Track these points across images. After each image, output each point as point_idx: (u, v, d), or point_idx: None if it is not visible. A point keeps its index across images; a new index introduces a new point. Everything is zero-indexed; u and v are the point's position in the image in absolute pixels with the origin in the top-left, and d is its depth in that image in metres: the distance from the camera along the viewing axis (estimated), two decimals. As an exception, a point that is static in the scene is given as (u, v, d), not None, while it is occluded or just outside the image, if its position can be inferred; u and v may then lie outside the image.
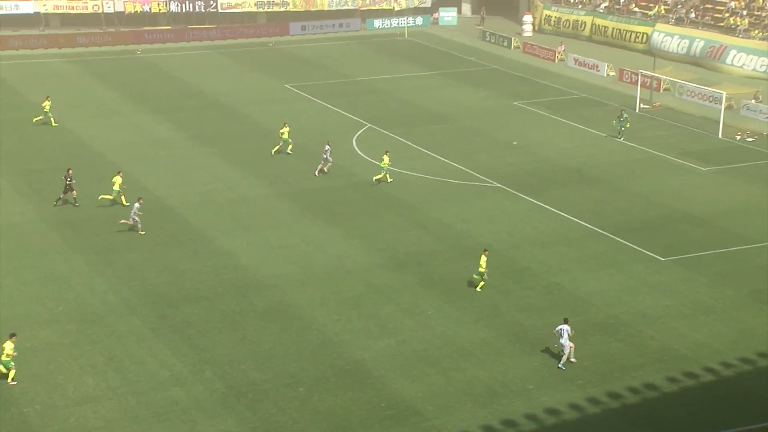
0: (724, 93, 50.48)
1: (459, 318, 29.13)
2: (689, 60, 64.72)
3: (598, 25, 72.53)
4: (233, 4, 77.06)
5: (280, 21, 78.04)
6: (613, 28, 71.17)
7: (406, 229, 36.32)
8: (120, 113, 52.56)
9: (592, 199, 39.53)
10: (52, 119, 49.61)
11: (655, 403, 24.63)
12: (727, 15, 65.99)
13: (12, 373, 25.55)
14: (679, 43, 65.97)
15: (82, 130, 49.44)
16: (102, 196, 38.29)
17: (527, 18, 76.29)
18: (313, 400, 24.92)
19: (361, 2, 79.99)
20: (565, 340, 26.11)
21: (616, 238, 35.28)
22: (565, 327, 26.21)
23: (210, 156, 45.59)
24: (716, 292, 30.90)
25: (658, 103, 54.71)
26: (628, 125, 48.36)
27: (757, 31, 63.16)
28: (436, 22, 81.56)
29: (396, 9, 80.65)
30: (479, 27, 78.38)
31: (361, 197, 39.82)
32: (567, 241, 35.01)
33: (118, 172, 38.75)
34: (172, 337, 27.89)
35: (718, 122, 49.23)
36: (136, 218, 35.34)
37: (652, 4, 71.33)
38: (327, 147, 42.76)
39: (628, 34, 70.03)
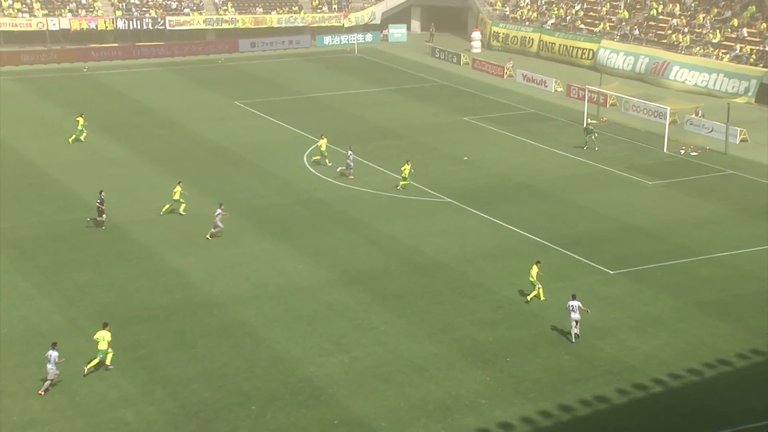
0: (669, 108, 51.45)
1: (411, 333, 29.19)
2: (634, 76, 65.89)
3: (546, 42, 73.52)
4: (181, 22, 76.65)
5: (229, 38, 77.81)
6: (560, 45, 72.21)
7: (358, 245, 36.34)
8: (66, 132, 51.86)
9: (542, 214, 39.95)
10: (83, 136, 49.80)
11: (605, 414, 24.89)
12: (669, 32, 67.37)
13: (109, 357, 26.78)
14: (625, 59, 67.17)
15: (28, 149, 48.72)
16: (165, 207, 39.12)
17: (476, 35, 77.05)
18: (265, 418, 24.74)
19: (310, 19, 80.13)
20: (576, 315, 28.07)
21: (566, 252, 35.66)
22: (576, 303, 28.23)
23: (159, 174, 45.20)
24: (663, 304, 31.39)
25: (605, 118, 55.56)
26: (596, 135, 49.67)
27: (698, 48, 64.60)
28: (385, 38, 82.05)
29: (346, 26, 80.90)
30: (428, 44, 78.98)
31: (313, 214, 39.81)
32: (517, 255, 35.31)
33: (179, 182, 39.39)
34: (122, 358, 27.51)
35: (663, 137, 50.15)
36: (219, 223, 36.12)
37: (597, 21, 72.56)
38: (350, 152, 43.87)
39: (575, 51, 71.10)
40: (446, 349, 28.17)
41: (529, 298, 31.31)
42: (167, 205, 38.98)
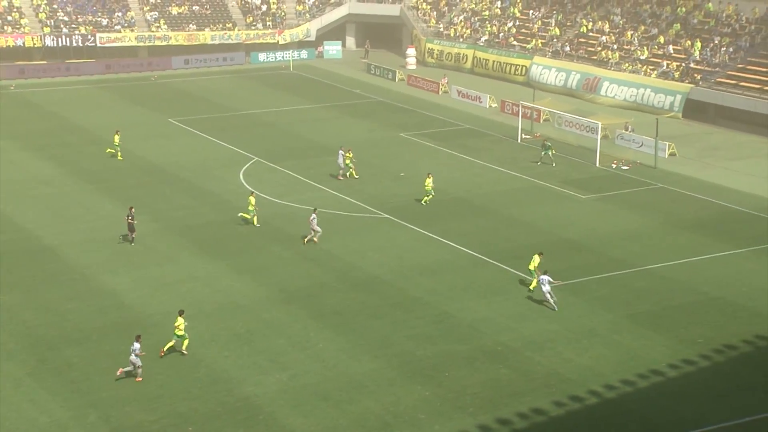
0: (600, 123, 52.40)
1: (350, 350, 29.12)
2: (566, 91, 66.98)
3: (480, 58, 74.37)
4: (113, 39, 75.63)
5: (162, 55, 77.03)
6: (494, 61, 73.12)
7: (296, 262, 36.23)
8: (-6, 150, 50.77)
9: (479, 228, 40.29)
10: (119, 153, 49.71)
11: (543, 427, 25.10)
12: (599, 49, 68.72)
13: (185, 343, 28.19)
14: (557, 75, 68.26)
15: (-46, 168, 47.59)
16: (241, 214, 40.17)
17: (410, 51, 77.53)
18: (203, 439, 24.43)
19: (244, 36, 79.83)
20: (547, 287, 31.45)
21: (502, 266, 35.98)
22: (546, 277, 31.74)
23: (91, 193, 44.46)
24: (598, 317, 31.84)
25: (538, 133, 56.29)
26: (553, 151, 50.13)
27: (626, 64, 66.03)
28: (321, 55, 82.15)
29: (281, 42, 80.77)
30: (364, 60, 79.23)
31: (249, 231, 39.55)
32: (455, 270, 35.52)
33: (252, 193, 40.39)
34: (53, 381, 26.89)
35: (595, 151, 51.04)
36: (317, 227, 37.62)
37: (529, 38, 73.71)
38: (341, 152, 46.16)
39: (508, 67, 72.06)
40: (385, 365, 28.15)
41: (531, 287, 33.24)
42: (247, 215, 39.87)
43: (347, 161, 46.84)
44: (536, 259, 33.41)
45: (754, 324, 31.22)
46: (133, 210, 38.12)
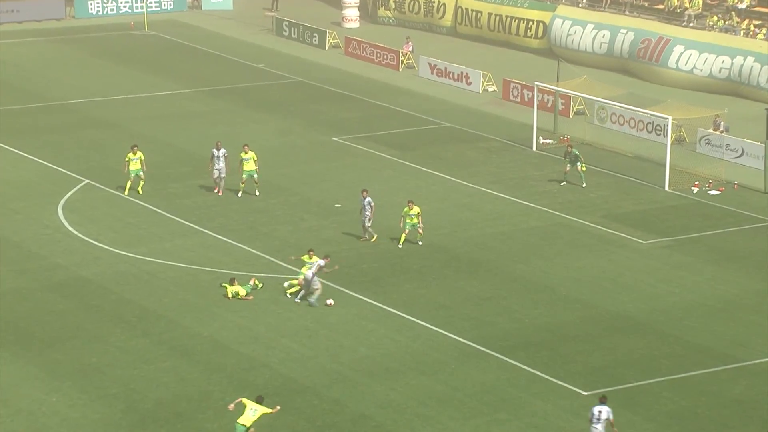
0: (670, 118, 52.53)
1: None
2: (612, 63, 67.35)
3: (467, 9, 74.57)
4: None
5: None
6: (491, 14, 73.29)
7: (153, 358, 36.11)
8: None
9: (468, 297, 40.30)
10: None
11: None
12: (668, -9, 69.39)
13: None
14: (595, 35, 68.56)
15: None
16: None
17: (350, -1, 77.95)
18: None
19: (66, -28, 79.70)
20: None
21: (510, 360, 35.91)
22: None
23: None
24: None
25: (567, 136, 56.35)
26: (584, 167, 49.85)
27: (714, 17, 66.46)
28: (197, 4, 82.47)
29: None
30: (271, 14, 79.40)
31: (74, 306, 39.46)
32: (430, 369, 35.53)
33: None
34: None
35: (664, 165, 51.07)
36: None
37: (550, -24, 74.21)
38: (222, 151, 48.33)
39: (515, 24, 72.28)
40: None
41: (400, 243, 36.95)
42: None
43: (246, 166, 47.54)
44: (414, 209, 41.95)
45: None
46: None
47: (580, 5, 71.12)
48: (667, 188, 50.60)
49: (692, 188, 50.66)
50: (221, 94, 63.62)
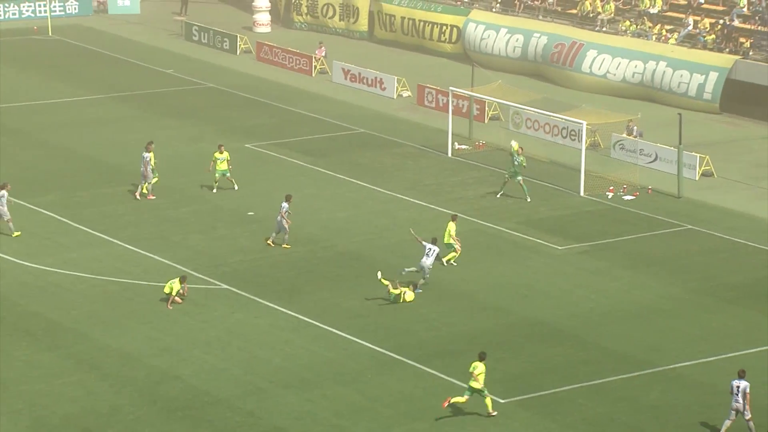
0: (584, 123, 52.71)
1: None
2: (526, 68, 67.75)
3: (382, 13, 74.56)
4: None
5: None
6: (405, 19, 73.44)
7: (64, 373, 35.81)
8: None
9: (385, 305, 40.10)
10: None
11: None
12: (582, -3, 69.62)
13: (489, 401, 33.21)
14: (509, 39, 68.82)
15: None
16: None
17: (262, 2, 77.62)
18: None
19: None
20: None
21: (425, 368, 35.99)
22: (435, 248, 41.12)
23: None
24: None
25: (482, 142, 56.41)
26: (524, 163, 49.55)
27: (627, 22, 66.80)
28: (103, 9, 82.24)
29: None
30: (180, 18, 79.27)
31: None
32: (344, 379, 35.46)
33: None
34: None
35: (579, 171, 51.32)
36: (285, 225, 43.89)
37: (464, -20, 74.28)
38: (145, 154, 48.43)
39: (430, 28, 72.49)
40: None
41: (445, 261, 41.20)
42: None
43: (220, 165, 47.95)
44: (451, 226, 42.35)
45: None
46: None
47: (494, 10, 71.20)
48: (582, 194, 50.87)
49: (607, 193, 50.93)
50: (129, 100, 63.36)
